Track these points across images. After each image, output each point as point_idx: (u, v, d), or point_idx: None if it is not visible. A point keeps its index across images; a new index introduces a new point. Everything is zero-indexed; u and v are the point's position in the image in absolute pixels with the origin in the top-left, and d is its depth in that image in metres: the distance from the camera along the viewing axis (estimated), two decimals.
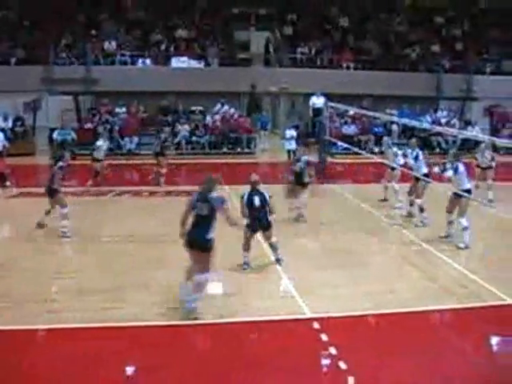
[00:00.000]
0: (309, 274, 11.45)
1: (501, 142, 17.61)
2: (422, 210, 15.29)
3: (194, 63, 30.49)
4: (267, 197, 11.81)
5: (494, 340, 9.38)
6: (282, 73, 30.62)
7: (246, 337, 9.01)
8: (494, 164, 18.83)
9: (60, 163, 14.43)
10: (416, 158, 15.49)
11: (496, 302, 10.41)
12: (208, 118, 28.49)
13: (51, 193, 14.12)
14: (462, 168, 13.39)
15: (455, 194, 13.51)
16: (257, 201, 11.73)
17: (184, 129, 27.51)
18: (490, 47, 34.74)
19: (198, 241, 9.33)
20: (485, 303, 10.37)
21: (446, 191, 14.56)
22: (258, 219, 11.77)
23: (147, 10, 32.68)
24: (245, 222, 11.85)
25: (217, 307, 9.95)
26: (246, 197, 11.83)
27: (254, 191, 11.83)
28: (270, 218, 11.89)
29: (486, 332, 9.37)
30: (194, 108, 29.19)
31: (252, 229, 11.83)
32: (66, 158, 14.79)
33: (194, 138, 27.66)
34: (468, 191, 13.37)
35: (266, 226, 11.84)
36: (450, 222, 13.76)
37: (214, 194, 9.51)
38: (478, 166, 18.87)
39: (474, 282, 11.27)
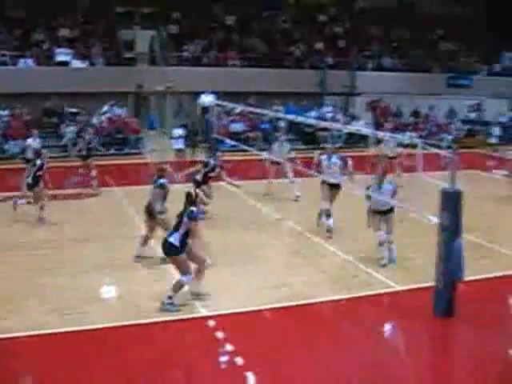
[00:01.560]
0: None
1: (384, 135, 18.18)
2: (328, 215, 14.20)
3: (78, 63, 29.73)
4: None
5: (387, 327, 9.72)
6: (168, 72, 30.29)
7: (141, 338, 8.90)
8: (399, 151, 19.99)
9: (38, 161, 15.34)
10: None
11: (385, 290, 10.85)
12: (94, 119, 27.88)
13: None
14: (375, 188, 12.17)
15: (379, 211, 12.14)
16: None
17: (70, 131, 26.80)
18: (371, 45, 35.86)
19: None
20: (375, 291, 10.75)
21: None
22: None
23: (28, 9, 31.59)
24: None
25: (109, 310, 9.82)
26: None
27: (156, 181, 12.00)
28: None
29: (379, 319, 9.71)
30: (75, 110, 28.35)
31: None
32: (44, 156, 15.72)
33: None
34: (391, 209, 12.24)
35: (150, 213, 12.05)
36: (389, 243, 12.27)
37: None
38: (385, 157, 19.55)
39: (364, 271, 11.63)
